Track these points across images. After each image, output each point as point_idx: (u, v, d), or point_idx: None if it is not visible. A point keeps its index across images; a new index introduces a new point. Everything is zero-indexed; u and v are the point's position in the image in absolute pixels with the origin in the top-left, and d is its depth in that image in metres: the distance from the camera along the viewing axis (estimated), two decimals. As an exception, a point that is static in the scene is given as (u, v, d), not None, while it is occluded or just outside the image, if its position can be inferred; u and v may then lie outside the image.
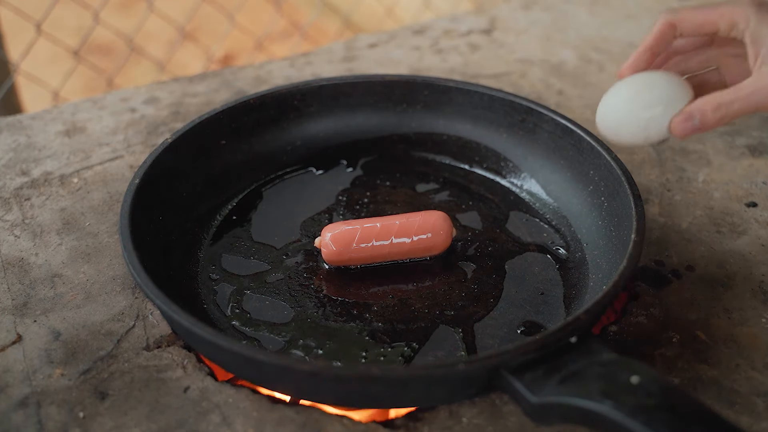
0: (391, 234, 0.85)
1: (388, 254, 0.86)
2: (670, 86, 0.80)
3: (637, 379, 0.61)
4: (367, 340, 0.78)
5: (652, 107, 0.79)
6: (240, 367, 0.72)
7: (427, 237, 0.86)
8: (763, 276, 0.87)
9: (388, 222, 0.86)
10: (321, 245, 0.86)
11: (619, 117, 0.82)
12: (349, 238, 0.85)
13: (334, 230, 0.85)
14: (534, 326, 0.80)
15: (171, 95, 1.19)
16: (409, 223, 0.86)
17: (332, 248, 0.85)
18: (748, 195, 0.99)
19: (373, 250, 0.85)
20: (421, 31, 1.41)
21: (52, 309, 0.81)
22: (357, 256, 0.85)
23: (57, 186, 0.99)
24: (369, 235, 0.85)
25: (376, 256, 0.86)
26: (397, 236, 0.85)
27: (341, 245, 0.84)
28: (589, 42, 1.35)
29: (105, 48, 2.93)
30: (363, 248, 0.85)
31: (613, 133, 0.84)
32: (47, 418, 0.70)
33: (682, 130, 0.76)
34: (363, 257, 0.85)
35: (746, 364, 0.76)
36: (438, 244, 0.87)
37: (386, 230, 0.85)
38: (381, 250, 0.85)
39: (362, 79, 1.04)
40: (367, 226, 0.85)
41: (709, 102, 0.75)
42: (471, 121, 1.02)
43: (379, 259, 0.86)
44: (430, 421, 0.71)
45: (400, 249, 0.86)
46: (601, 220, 0.88)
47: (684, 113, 0.76)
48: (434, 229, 0.86)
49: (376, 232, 0.85)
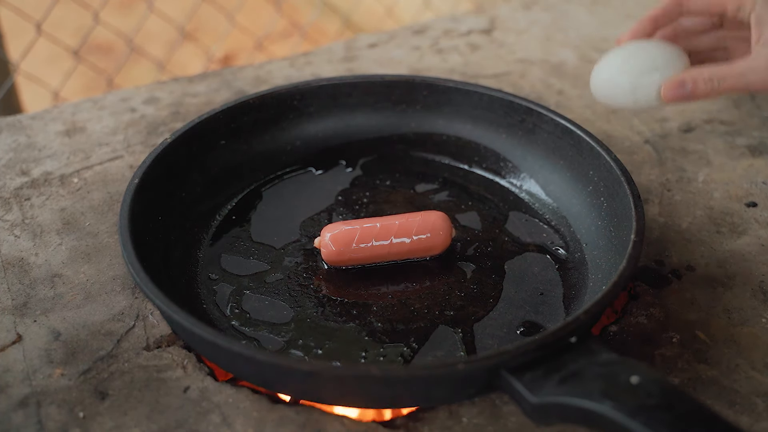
0: (391, 234, 0.85)
1: (387, 254, 0.86)
2: (665, 54, 0.81)
3: (637, 379, 0.61)
4: (367, 340, 0.78)
5: (644, 72, 0.81)
6: (240, 367, 0.72)
7: (427, 237, 0.86)
8: (763, 276, 0.87)
9: (388, 222, 0.86)
10: (320, 245, 0.86)
11: (612, 78, 0.84)
12: (349, 238, 0.85)
13: (334, 230, 0.85)
14: (533, 326, 0.80)
15: (171, 95, 1.19)
16: (409, 224, 0.86)
17: (332, 248, 0.85)
18: (748, 195, 0.99)
19: (372, 251, 0.85)
20: (421, 31, 1.41)
21: (52, 309, 0.81)
22: (356, 257, 0.85)
23: (57, 186, 0.99)
24: (368, 235, 0.85)
25: (375, 257, 0.86)
26: (397, 236, 0.85)
27: (341, 245, 0.84)
28: (589, 42, 1.35)
29: (105, 48, 2.93)
30: (362, 248, 0.85)
31: (603, 93, 0.85)
32: (47, 418, 0.71)
33: (672, 95, 0.78)
34: (362, 257, 0.85)
35: (746, 364, 0.76)
36: (437, 245, 0.87)
37: (386, 230, 0.85)
38: (380, 250, 0.85)
39: (362, 79, 1.04)
40: (366, 227, 0.85)
41: (702, 73, 0.77)
42: (470, 122, 1.02)
43: (379, 260, 0.86)
44: (430, 421, 0.71)
45: (399, 249, 0.86)
46: (600, 220, 0.88)
47: (677, 79, 0.78)
48: (434, 230, 0.86)
49: (375, 232, 0.85)
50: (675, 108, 1.16)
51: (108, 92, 1.21)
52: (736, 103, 1.17)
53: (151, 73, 2.59)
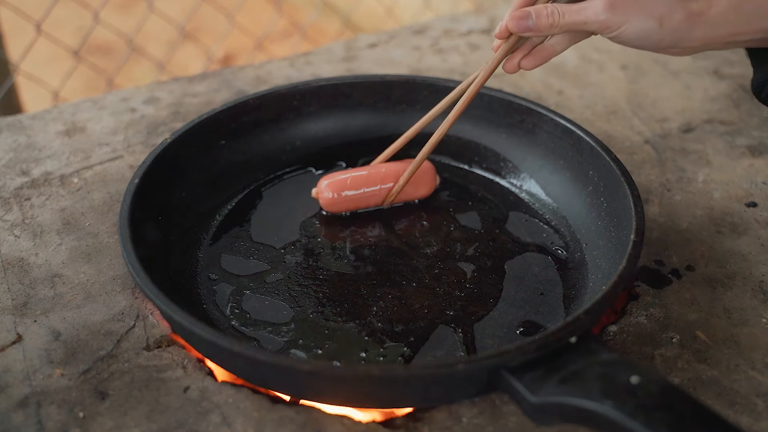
0: (379, 180, 0.94)
1: (378, 196, 0.94)
2: None
3: (637, 379, 0.61)
4: (367, 340, 0.78)
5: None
6: (240, 367, 0.72)
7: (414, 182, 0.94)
8: (763, 276, 0.87)
9: (376, 170, 0.95)
10: (318, 194, 0.93)
11: None
12: (342, 184, 0.93)
13: (329, 178, 0.94)
14: (533, 326, 0.80)
15: (171, 95, 1.19)
16: (397, 168, 0.95)
17: (328, 195, 0.92)
18: (748, 195, 0.99)
19: (365, 193, 0.94)
20: (421, 31, 1.41)
21: (52, 309, 0.81)
22: (351, 201, 0.94)
23: (57, 186, 0.99)
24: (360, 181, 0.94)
25: (369, 197, 0.94)
26: (385, 182, 0.94)
27: (336, 190, 0.93)
28: (589, 42, 1.35)
29: (105, 48, 2.93)
30: (356, 194, 0.94)
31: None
32: (47, 418, 0.71)
33: (516, 25, 0.81)
34: (356, 200, 0.94)
35: (746, 364, 0.76)
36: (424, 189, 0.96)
37: (375, 176, 0.94)
38: (372, 194, 0.94)
39: (362, 79, 1.04)
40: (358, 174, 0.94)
41: (546, 7, 0.80)
42: (470, 121, 1.02)
43: (371, 202, 0.94)
44: (430, 421, 0.71)
45: (388, 191, 0.94)
46: (600, 220, 0.88)
47: (522, 11, 0.81)
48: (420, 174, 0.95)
49: (364, 178, 0.94)
50: (675, 108, 1.16)
51: (108, 92, 1.21)
52: (736, 103, 1.17)
53: (151, 73, 2.59)
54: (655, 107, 1.17)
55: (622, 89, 1.21)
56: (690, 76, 1.24)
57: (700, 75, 1.24)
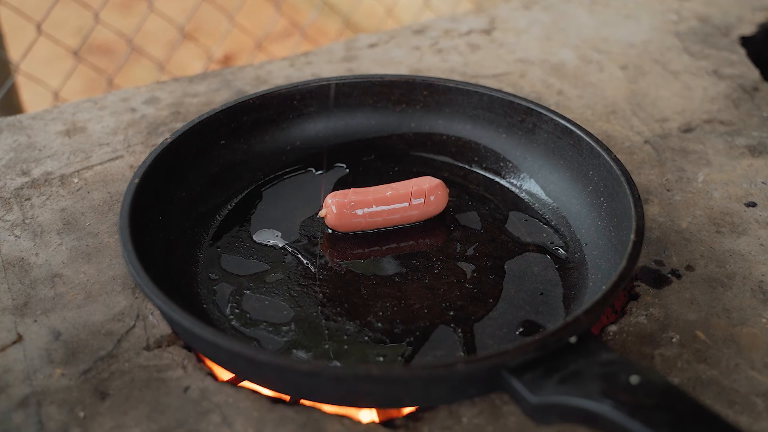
0: (390, 200, 0.92)
1: (388, 216, 0.91)
2: None
3: (637, 379, 0.61)
4: (367, 340, 0.78)
5: None
6: (240, 367, 0.72)
7: (422, 202, 0.92)
8: (762, 276, 0.87)
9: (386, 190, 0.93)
10: (325, 212, 0.91)
11: None
12: (350, 204, 0.91)
13: (337, 197, 0.91)
14: (533, 326, 0.80)
15: (171, 95, 1.19)
16: (406, 188, 0.93)
17: (334, 212, 0.90)
18: (747, 195, 0.99)
19: (373, 214, 0.91)
20: (421, 31, 1.41)
21: (53, 309, 0.81)
22: (358, 222, 0.91)
23: (57, 186, 0.99)
24: (367, 199, 0.92)
25: (377, 216, 0.91)
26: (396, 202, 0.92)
27: (343, 208, 0.90)
28: (589, 42, 1.35)
29: (105, 48, 2.93)
30: (364, 213, 0.91)
31: None
32: (47, 417, 0.71)
33: None
34: (366, 220, 0.91)
35: (746, 364, 0.76)
36: (434, 209, 0.93)
37: (384, 198, 0.92)
38: (380, 214, 0.92)
39: (362, 79, 1.04)
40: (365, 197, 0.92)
41: None
42: (470, 122, 1.02)
43: (381, 222, 0.92)
44: (430, 421, 0.71)
45: (398, 213, 0.92)
46: (600, 220, 0.88)
47: None
48: (428, 193, 0.92)
49: (373, 199, 0.92)
50: (675, 108, 1.16)
51: (108, 92, 1.21)
52: (736, 103, 1.17)
53: (151, 73, 2.60)
54: (654, 107, 1.17)
55: (621, 89, 1.21)
56: (690, 76, 1.24)
57: (700, 75, 1.24)
